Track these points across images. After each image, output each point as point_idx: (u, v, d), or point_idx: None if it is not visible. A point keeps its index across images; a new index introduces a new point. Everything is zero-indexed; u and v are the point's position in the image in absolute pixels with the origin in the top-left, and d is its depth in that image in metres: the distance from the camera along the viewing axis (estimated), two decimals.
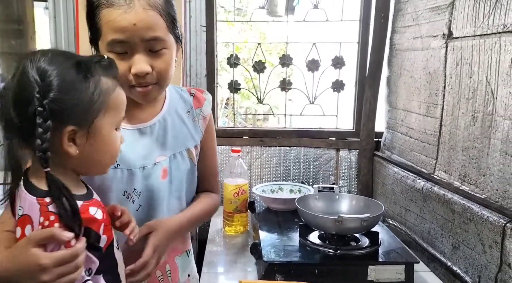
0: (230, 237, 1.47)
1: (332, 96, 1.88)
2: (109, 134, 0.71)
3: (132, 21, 0.79)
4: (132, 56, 0.81)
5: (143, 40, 0.80)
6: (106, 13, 0.79)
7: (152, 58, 0.83)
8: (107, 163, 0.75)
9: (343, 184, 1.86)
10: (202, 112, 1.02)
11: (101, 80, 0.69)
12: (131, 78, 0.83)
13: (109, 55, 0.80)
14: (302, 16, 1.85)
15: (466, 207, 1.14)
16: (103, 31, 0.80)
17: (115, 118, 0.72)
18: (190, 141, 0.99)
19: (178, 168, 0.94)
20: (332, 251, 1.11)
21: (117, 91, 0.72)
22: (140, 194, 0.89)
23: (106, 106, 0.69)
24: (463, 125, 1.21)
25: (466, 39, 1.21)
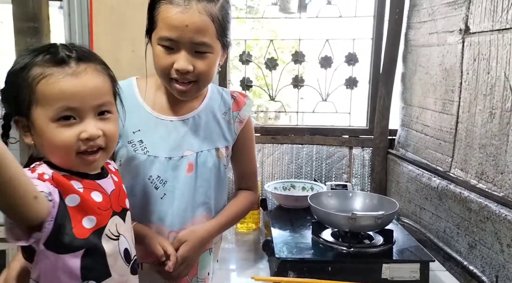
0: (242, 234, 1.47)
1: (345, 93, 1.86)
2: (45, 127, 0.65)
3: (185, 22, 0.83)
4: (178, 53, 0.86)
5: (191, 42, 0.85)
6: (164, 8, 0.85)
7: (195, 59, 0.86)
8: (60, 157, 0.67)
9: (356, 182, 1.84)
10: (240, 116, 1.03)
11: (30, 70, 0.65)
12: (173, 72, 0.87)
13: (158, 48, 0.86)
14: (314, 13, 1.84)
15: (483, 206, 1.12)
16: (158, 24, 0.86)
17: (48, 110, 0.64)
18: (221, 141, 1.00)
19: (204, 165, 0.96)
20: (346, 249, 1.10)
21: (47, 80, 0.64)
22: (165, 183, 0.93)
23: (35, 97, 0.65)
24: (480, 122, 1.19)
25: (483, 34, 1.18)
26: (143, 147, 0.93)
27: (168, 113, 0.96)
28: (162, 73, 0.89)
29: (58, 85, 0.65)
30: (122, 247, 0.75)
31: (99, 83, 0.69)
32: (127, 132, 0.93)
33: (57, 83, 0.65)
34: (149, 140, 0.93)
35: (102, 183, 0.74)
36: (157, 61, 0.88)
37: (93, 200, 0.70)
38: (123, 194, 0.79)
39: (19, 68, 0.67)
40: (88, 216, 0.69)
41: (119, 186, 0.79)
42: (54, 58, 0.66)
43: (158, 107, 0.96)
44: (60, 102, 0.65)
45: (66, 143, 0.66)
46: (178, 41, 0.85)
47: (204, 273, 1.02)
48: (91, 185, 0.72)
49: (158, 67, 0.89)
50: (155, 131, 0.94)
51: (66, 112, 0.66)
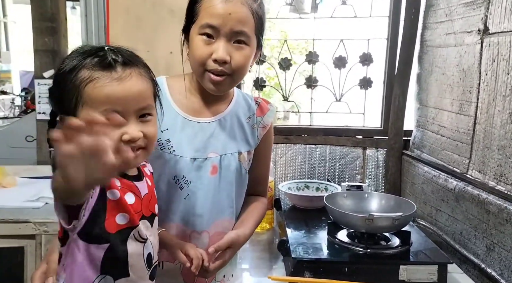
0: (256, 234, 1.47)
1: (359, 94, 1.85)
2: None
3: (229, 10, 0.86)
4: (217, 43, 0.87)
5: (232, 31, 0.87)
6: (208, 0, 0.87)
7: (233, 50, 0.88)
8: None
9: (369, 183, 1.83)
10: (263, 121, 1.05)
11: (79, 72, 0.67)
12: (210, 63, 0.88)
13: (198, 37, 0.87)
14: (329, 13, 1.83)
15: (503, 208, 1.10)
16: (200, 15, 0.88)
17: (94, 111, 0.66)
18: (244, 146, 1.01)
19: (227, 168, 0.97)
20: (362, 250, 1.09)
21: (94, 84, 0.67)
22: (189, 183, 0.93)
23: (81, 98, 0.67)
24: (499, 123, 1.17)
25: (503, 35, 1.16)
26: (169, 146, 0.93)
27: (195, 115, 0.97)
28: (199, 64, 0.89)
29: (105, 89, 0.67)
30: (146, 251, 0.76)
31: (142, 88, 0.72)
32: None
33: (103, 87, 0.67)
34: (176, 140, 0.94)
35: (138, 185, 0.75)
36: (196, 51, 0.89)
37: (126, 201, 0.72)
38: (154, 199, 0.80)
39: (68, 70, 0.68)
40: (123, 213, 0.71)
41: (152, 191, 0.80)
42: (102, 62, 0.68)
43: (186, 108, 0.97)
44: (105, 106, 0.67)
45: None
46: (219, 29, 0.86)
47: (220, 276, 1.03)
48: (128, 185, 0.73)
49: (196, 57, 0.89)
50: (182, 132, 0.95)
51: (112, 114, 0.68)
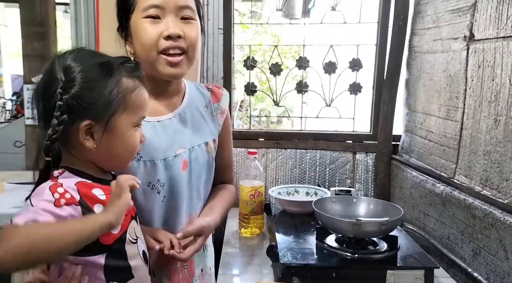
0: (246, 239, 1.47)
1: (349, 99, 1.87)
2: (126, 131, 0.74)
3: None
4: (165, 20, 0.85)
5: (177, 5, 0.85)
6: None
7: (183, 25, 0.87)
8: (125, 158, 0.78)
9: (359, 187, 1.84)
10: (220, 107, 1.05)
11: (121, 80, 0.73)
12: (162, 43, 0.85)
13: (143, 21, 0.86)
14: (318, 19, 1.85)
15: (488, 212, 1.12)
16: (138, 0, 0.86)
17: (133, 117, 0.75)
18: (208, 135, 1.02)
19: (197, 161, 0.97)
20: (350, 255, 1.10)
21: (138, 92, 0.75)
22: (164, 185, 0.92)
23: (124, 104, 0.73)
24: (485, 129, 1.19)
25: (488, 41, 1.19)
26: (137, 155, 0.90)
27: (152, 115, 0.93)
28: (149, 47, 0.85)
29: (145, 96, 0.78)
30: (141, 249, 0.79)
31: None
32: None
33: (144, 95, 0.77)
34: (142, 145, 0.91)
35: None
36: (144, 34, 0.85)
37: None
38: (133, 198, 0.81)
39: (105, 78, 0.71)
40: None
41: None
42: (138, 72, 0.76)
43: None
44: (143, 111, 0.77)
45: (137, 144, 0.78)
46: (164, 7, 0.85)
47: (198, 270, 1.05)
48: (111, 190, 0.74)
49: (145, 41, 0.86)
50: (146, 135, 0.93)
51: (142, 119, 0.79)
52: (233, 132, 1.86)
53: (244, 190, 1.49)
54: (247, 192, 1.48)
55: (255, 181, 1.50)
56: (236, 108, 4.29)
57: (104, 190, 0.73)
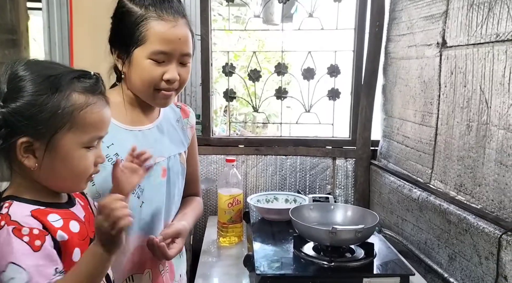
0: (225, 248, 1.45)
1: (328, 105, 1.87)
2: (72, 151, 0.68)
3: (178, 35, 0.91)
4: (167, 65, 0.92)
5: (181, 54, 0.92)
6: (156, 24, 0.89)
7: (180, 68, 0.94)
8: (73, 181, 0.71)
9: (339, 193, 1.85)
10: (189, 122, 1.14)
11: (71, 96, 0.67)
12: (161, 84, 0.93)
13: (148, 61, 0.90)
14: (297, 25, 1.85)
15: (462, 218, 1.13)
16: (149, 40, 0.90)
17: (82, 136, 0.68)
18: (181, 147, 1.09)
19: (173, 169, 1.03)
20: (327, 263, 1.09)
21: (90, 109, 0.68)
22: (143, 190, 0.97)
23: (71, 122, 0.67)
24: (458, 134, 1.20)
25: (460, 48, 1.20)
26: (120, 159, 0.94)
27: (134, 124, 1.00)
28: (149, 85, 0.93)
29: (100, 114, 0.70)
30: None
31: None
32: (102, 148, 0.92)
33: (99, 113, 0.70)
34: (124, 152, 0.95)
35: (74, 210, 0.73)
36: (147, 73, 0.92)
37: (73, 232, 0.69)
38: (92, 218, 0.78)
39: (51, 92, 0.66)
40: (75, 249, 0.69)
41: (87, 208, 0.78)
42: (96, 88, 0.70)
43: (125, 119, 0.99)
44: (97, 131, 0.71)
45: (88, 167, 0.71)
46: (171, 54, 0.91)
47: (178, 275, 1.10)
48: (67, 214, 0.71)
49: (147, 79, 0.93)
50: (127, 142, 0.96)
51: (96, 140, 0.72)
52: (213, 140, 1.87)
53: (222, 198, 1.47)
54: (225, 201, 1.46)
55: (234, 189, 1.49)
56: (221, 112, 4.27)
57: (60, 214, 0.69)
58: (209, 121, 1.85)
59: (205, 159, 1.83)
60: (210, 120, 1.86)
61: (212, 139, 1.85)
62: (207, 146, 1.84)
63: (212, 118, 1.88)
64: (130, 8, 0.92)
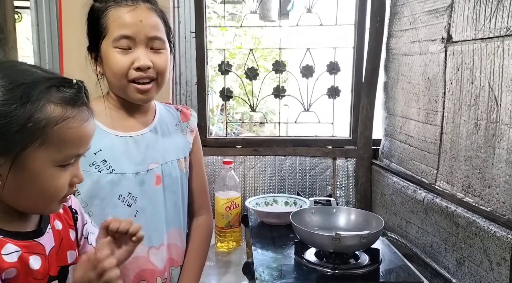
0: (223, 254, 1.40)
1: (327, 103, 1.82)
2: (43, 171, 0.60)
3: (139, 18, 0.87)
4: (135, 51, 0.87)
5: (147, 37, 0.88)
6: (114, 11, 0.87)
7: (152, 55, 0.89)
8: (43, 202, 0.63)
9: (340, 194, 1.79)
10: (190, 126, 1.09)
11: (44, 107, 0.58)
12: (132, 73, 0.88)
13: (113, 51, 0.86)
14: (295, 21, 1.80)
15: (471, 221, 1.07)
16: (110, 28, 0.87)
17: (56, 154, 0.60)
18: (180, 152, 1.03)
19: (170, 177, 0.98)
20: (330, 271, 1.04)
21: (67, 124, 0.60)
22: (136, 199, 0.92)
23: (43, 138, 0.58)
24: (465, 133, 1.15)
25: (466, 43, 1.15)
26: (108, 166, 0.91)
27: (124, 130, 0.95)
28: (120, 76, 0.88)
29: (80, 130, 0.62)
30: None
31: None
32: (87, 154, 0.86)
33: (78, 128, 0.62)
34: (112, 158, 0.91)
35: (41, 241, 0.65)
36: (114, 64, 0.87)
37: (30, 269, 0.61)
38: (67, 246, 0.70)
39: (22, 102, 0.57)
40: None
41: (61, 237, 0.69)
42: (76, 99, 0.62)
43: (113, 125, 0.94)
44: (74, 149, 0.62)
45: (60, 188, 0.63)
46: (134, 38, 0.87)
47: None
48: (30, 247, 0.62)
49: (116, 70, 0.87)
50: (116, 149, 0.92)
51: (74, 158, 0.64)
52: (209, 140, 1.81)
53: (219, 202, 1.42)
54: (223, 204, 1.41)
55: (231, 192, 1.44)
56: (218, 111, 4.22)
57: (20, 246, 0.60)
58: (205, 121, 1.80)
59: None
60: (207, 120, 1.80)
61: (208, 140, 1.80)
62: (204, 147, 1.76)
63: (208, 118, 1.83)
64: (93, 6, 0.90)
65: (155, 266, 0.96)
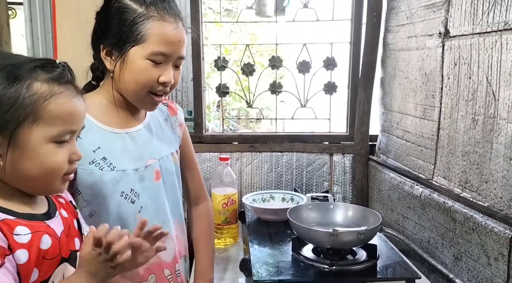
0: (220, 251, 1.39)
1: (324, 99, 1.81)
2: (40, 146, 0.62)
3: (179, 38, 0.89)
4: (164, 67, 0.89)
5: (178, 57, 0.90)
6: (158, 25, 0.86)
7: (174, 72, 0.92)
8: (44, 180, 0.64)
9: (337, 190, 1.79)
10: (178, 119, 1.09)
11: (32, 85, 0.61)
12: (156, 86, 0.90)
13: (146, 62, 0.87)
14: (291, 17, 1.78)
15: (469, 216, 1.07)
16: (150, 40, 0.86)
17: (50, 130, 0.62)
18: (172, 146, 1.05)
19: (167, 171, 1.00)
20: (328, 267, 1.03)
21: (55, 99, 0.63)
22: (138, 195, 0.93)
23: (34, 114, 0.61)
24: (462, 129, 1.15)
25: (464, 38, 1.14)
26: (108, 163, 0.90)
27: (121, 127, 0.95)
28: (144, 86, 0.89)
29: (69, 106, 0.64)
30: None
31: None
32: (86, 153, 0.86)
33: (67, 104, 0.64)
34: (112, 156, 0.91)
35: (51, 224, 0.66)
36: (144, 75, 0.88)
37: (41, 249, 0.62)
38: (74, 233, 0.71)
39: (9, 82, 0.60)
40: (34, 268, 0.61)
41: (69, 224, 0.70)
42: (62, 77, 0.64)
43: (109, 122, 0.94)
44: (66, 124, 0.64)
45: (59, 164, 0.64)
46: (169, 56, 0.88)
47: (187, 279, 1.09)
48: (41, 227, 0.63)
49: (143, 81, 0.88)
50: (115, 146, 0.92)
51: (68, 134, 0.65)
52: (206, 137, 1.80)
53: (216, 198, 1.41)
54: (220, 201, 1.40)
55: (228, 189, 1.43)
56: (214, 107, 4.19)
57: (30, 228, 0.62)
58: (202, 117, 1.78)
59: (198, 157, 1.75)
60: (203, 117, 1.79)
61: (205, 136, 1.78)
62: (200, 143, 1.77)
63: (205, 115, 1.81)
64: (128, 4, 0.87)
65: (162, 259, 0.97)
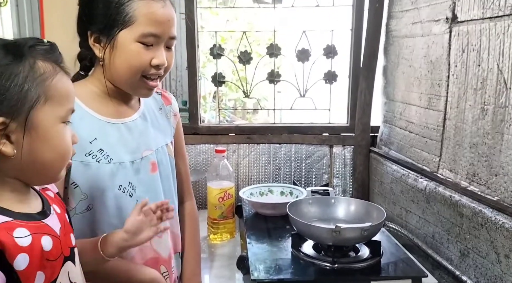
0: (216, 247, 1.34)
1: (324, 88, 1.75)
2: (52, 127, 0.59)
3: (168, 16, 0.84)
4: (156, 49, 0.85)
5: (169, 37, 0.86)
6: (144, 3, 0.82)
7: (166, 53, 0.87)
8: (57, 165, 0.61)
9: (337, 183, 1.74)
10: (172, 109, 1.04)
11: (36, 64, 0.57)
12: (149, 69, 0.85)
13: (136, 45, 0.82)
14: (290, 2, 1.71)
15: (477, 211, 1.02)
16: (138, 21, 0.82)
17: (59, 109, 0.60)
18: (167, 137, 1.00)
19: (162, 162, 0.96)
20: (329, 265, 0.98)
21: (59, 78, 0.60)
22: (135, 188, 0.89)
23: (45, 94, 0.57)
24: (470, 119, 1.09)
25: (473, 23, 1.08)
26: (105, 155, 0.85)
27: (116, 117, 0.90)
28: (137, 70, 0.84)
29: (69, 84, 0.62)
30: None
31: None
32: (83, 144, 0.81)
33: (68, 82, 0.62)
34: (109, 147, 0.86)
35: (49, 222, 0.61)
36: (135, 58, 0.83)
37: (43, 251, 0.57)
38: (68, 229, 0.66)
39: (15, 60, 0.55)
40: (38, 272, 0.56)
41: (63, 220, 0.65)
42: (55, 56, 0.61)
43: (105, 112, 0.88)
44: (69, 103, 0.62)
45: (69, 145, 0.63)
46: (160, 36, 0.84)
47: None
48: (40, 228, 0.58)
49: (135, 64, 0.84)
50: (111, 136, 0.87)
51: (71, 114, 0.63)
52: (201, 128, 1.74)
53: (212, 192, 1.35)
54: (216, 195, 1.34)
55: (225, 182, 1.37)
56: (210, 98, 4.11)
57: (30, 229, 0.56)
58: (197, 107, 1.72)
59: (193, 149, 1.70)
60: (198, 107, 1.73)
61: (200, 127, 1.72)
62: (195, 135, 1.71)
63: (200, 105, 1.75)
64: None
65: (158, 254, 0.93)
